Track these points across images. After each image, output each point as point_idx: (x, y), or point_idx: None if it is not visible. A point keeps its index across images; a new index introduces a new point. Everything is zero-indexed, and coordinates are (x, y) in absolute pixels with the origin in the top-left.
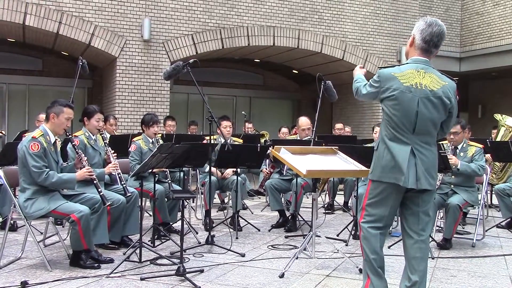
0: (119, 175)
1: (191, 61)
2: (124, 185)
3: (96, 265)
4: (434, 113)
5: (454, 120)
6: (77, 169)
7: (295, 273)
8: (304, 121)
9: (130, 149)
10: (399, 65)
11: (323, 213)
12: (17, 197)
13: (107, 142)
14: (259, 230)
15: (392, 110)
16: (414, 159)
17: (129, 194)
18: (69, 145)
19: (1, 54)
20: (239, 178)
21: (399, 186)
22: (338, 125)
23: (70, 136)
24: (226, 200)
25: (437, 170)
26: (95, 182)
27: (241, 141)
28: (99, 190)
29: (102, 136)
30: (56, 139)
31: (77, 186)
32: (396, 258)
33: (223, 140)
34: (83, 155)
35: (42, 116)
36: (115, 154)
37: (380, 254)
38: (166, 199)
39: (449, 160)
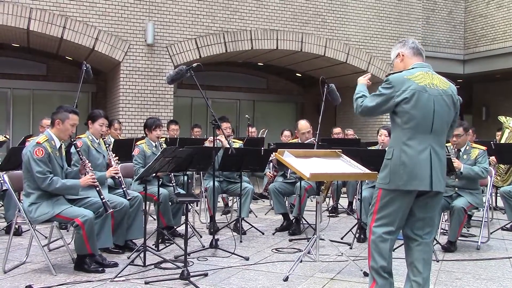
0: (120, 179)
1: (194, 65)
2: (124, 189)
3: (100, 269)
4: (448, 112)
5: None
6: (81, 174)
7: (299, 276)
8: (303, 124)
9: (133, 153)
10: (406, 70)
11: (327, 216)
12: (22, 201)
13: (110, 147)
14: (263, 234)
15: (411, 111)
16: (431, 161)
17: (129, 197)
18: (72, 149)
19: (5, 59)
20: (249, 185)
21: (412, 190)
22: (336, 130)
23: (74, 142)
24: (230, 204)
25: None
26: (97, 189)
27: (241, 142)
28: (102, 197)
29: (104, 141)
30: (61, 144)
31: (80, 190)
32: (401, 261)
33: (224, 143)
34: (87, 161)
35: (45, 121)
36: (117, 158)
37: (388, 260)
38: (170, 202)
39: (453, 163)
